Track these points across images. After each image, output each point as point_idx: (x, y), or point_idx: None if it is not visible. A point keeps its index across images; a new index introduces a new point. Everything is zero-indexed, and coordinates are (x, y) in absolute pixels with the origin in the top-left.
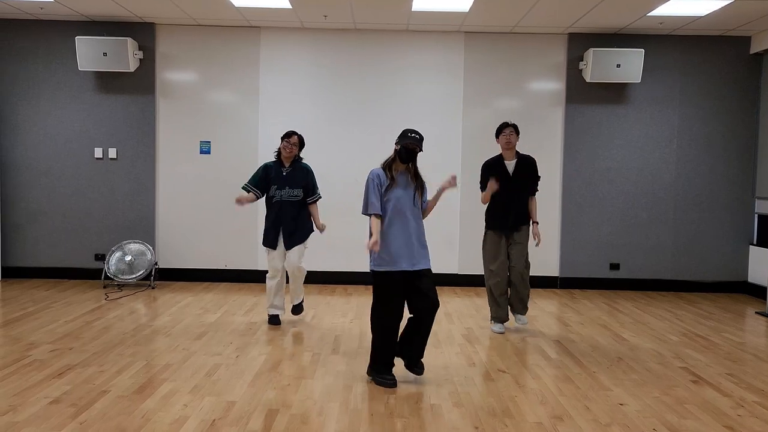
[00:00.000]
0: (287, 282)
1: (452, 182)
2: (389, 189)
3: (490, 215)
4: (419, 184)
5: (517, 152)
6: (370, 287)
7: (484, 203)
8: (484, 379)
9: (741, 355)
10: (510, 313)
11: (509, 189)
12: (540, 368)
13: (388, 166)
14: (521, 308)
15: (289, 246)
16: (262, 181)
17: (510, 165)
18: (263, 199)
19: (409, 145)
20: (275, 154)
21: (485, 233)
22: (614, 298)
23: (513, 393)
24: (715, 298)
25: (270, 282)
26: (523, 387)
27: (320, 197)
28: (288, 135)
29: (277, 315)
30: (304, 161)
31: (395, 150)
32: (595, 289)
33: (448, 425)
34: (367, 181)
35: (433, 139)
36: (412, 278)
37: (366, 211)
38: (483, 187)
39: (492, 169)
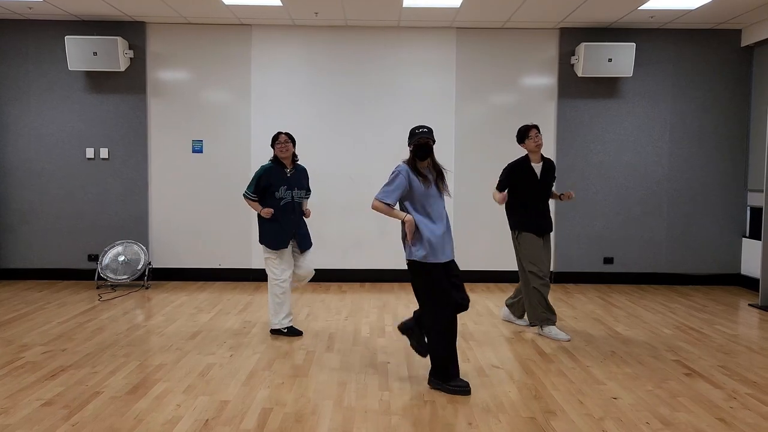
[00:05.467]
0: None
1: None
2: (424, 186)
3: (525, 218)
4: (440, 175)
5: (541, 155)
6: (365, 284)
7: (500, 203)
8: (478, 375)
9: (734, 348)
10: (510, 313)
11: (539, 191)
12: (533, 363)
13: (414, 168)
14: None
15: (302, 247)
16: (261, 189)
17: (537, 167)
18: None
19: (421, 140)
20: (271, 159)
21: (519, 235)
22: (608, 292)
23: (507, 388)
24: (708, 290)
25: (280, 290)
26: (517, 382)
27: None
28: (276, 137)
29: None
30: (298, 161)
31: (411, 151)
32: (589, 283)
33: (442, 421)
34: (399, 172)
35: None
36: (448, 268)
37: (383, 199)
38: (501, 188)
39: (520, 172)
